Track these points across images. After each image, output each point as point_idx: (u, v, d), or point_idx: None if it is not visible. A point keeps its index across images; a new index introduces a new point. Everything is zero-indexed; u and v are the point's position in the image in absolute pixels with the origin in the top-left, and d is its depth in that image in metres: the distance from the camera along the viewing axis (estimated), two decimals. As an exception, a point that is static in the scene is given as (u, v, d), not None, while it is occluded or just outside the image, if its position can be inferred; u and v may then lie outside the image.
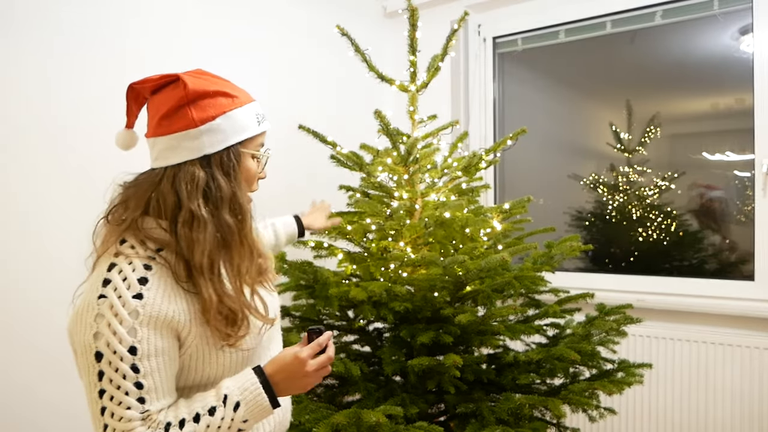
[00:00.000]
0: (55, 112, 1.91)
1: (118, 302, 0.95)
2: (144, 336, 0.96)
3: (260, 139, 1.13)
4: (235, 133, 1.06)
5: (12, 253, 1.82)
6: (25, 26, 1.83)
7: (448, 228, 1.87)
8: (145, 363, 0.96)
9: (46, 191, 1.88)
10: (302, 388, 1.06)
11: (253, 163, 1.11)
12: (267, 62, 2.57)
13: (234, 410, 0.99)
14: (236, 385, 1.01)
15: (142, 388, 0.96)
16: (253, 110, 1.10)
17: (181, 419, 0.98)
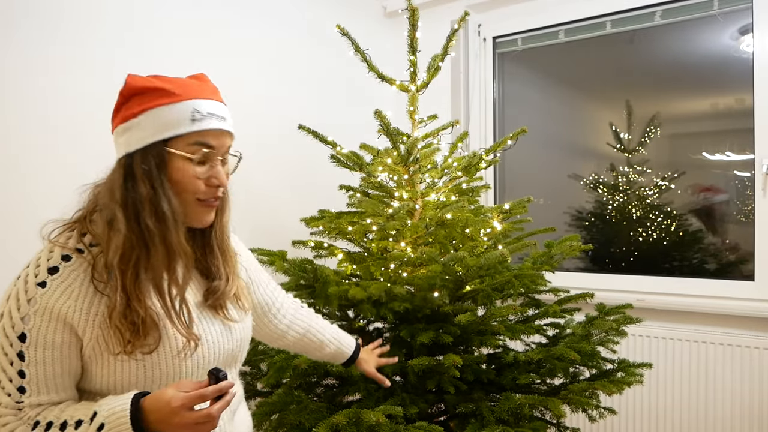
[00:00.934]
0: (53, 112, 1.91)
1: (23, 287, 0.95)
2: (35, 325, 0.93)
3: (197, 139, 1.00)
4: (158, 131, 0.99)
5: (15, 253, 1.82)
6: (25, 25, 1.83)
7: (448, 228, 1.87)
8: (32, 353, 0.94)
9: (49, 191, 1.89)
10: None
11: (186, 165, 1.00)
12: (267, 62, 2.57)
13: (97, 430, 0.91)
14: (108, 406, 0.93)
15: (24, 377, 0.94)
16: (189, 107, 0.99)
17: (49, 422, 0.94)
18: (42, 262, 0.96)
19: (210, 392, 0.92)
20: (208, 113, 1.01)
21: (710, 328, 2.44)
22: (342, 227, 1.96)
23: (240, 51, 2.46)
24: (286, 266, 1.91)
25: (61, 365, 0.96)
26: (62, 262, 0.96)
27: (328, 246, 2.03)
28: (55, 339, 0.95)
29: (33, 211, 1.88)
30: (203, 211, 1.05)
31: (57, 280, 0.95)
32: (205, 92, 1.03)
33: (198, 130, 1.00)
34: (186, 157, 1.00)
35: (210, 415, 0.92)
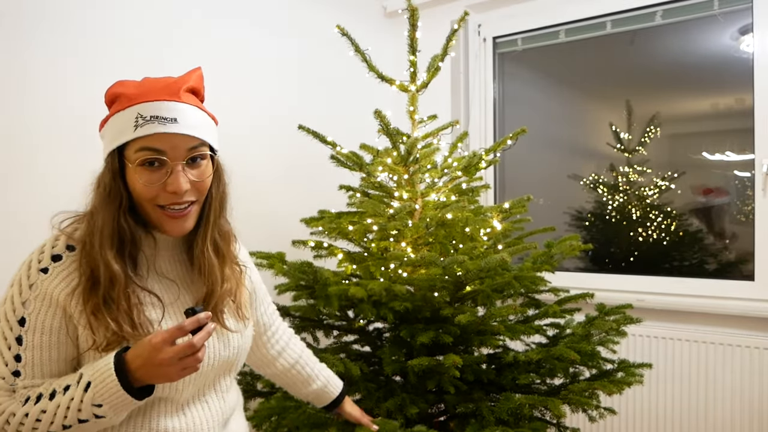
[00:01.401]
0: (62, 113, 1.91)
1: (26, 272, 0.97)
2: (35, 310, 0.95)
3: (142, 144, 0.96)
4: (111, 140, 0.98)
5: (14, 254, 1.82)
6: (33, 25, 1.83)
7: (448, 228, 1.87)
8: (29, 337, 0.95)
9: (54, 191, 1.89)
10: (165, 377, 0.92)
11: (137, 173, 0.97)
12: (267, 62, 2.57)
13: (84, 390, 0.91)
14: (92, 366, 0.94)
15: (20, 361, 0.95)
16: (134, 113, 0.96)
17: (39, 394, 0.94)
18: (46, 250, 0.98)
19: (188, 323, 0.90)
20: (151, 116, 0.96)
21: (710, 328, 2.44)
22: (342, 227, 1.96)
23: (240, 51, 2.46)
24: (285, 268, 1.91)
25: (57, 351, 0.97)
26: (66, 251, 0.98)
27: (328, 246, 2.03)
28: (53, 324, 0.96)
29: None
30: (168, 220, 1.01)
31: (59, 268, 0.96)
32: (157, 94, 0.98)
33: (139, 136, 0.96)
34: (135, 165, 0.97)
35: (192, 345, 0.90)
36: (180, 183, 0.97)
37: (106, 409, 0.91)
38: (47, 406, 0.92)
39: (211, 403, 1.10)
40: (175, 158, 0.98)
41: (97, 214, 0.98)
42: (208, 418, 1.09)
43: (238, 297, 1.13)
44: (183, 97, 1.00)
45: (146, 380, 0.93)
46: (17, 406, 0.94)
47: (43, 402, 0.93)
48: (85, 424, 0.93)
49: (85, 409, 0.91)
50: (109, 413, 0.92)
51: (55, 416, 0.92)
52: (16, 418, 0.93)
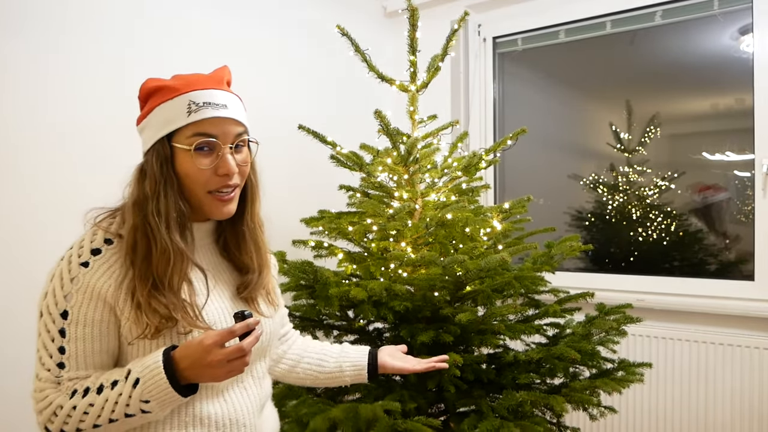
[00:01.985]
0: (53, 112, 1.91)
1: (66, 267, 0.99)
2: (77, 303, 0.98)
3: (195, 130, 1.01)
4: (161, 128, 1.02)
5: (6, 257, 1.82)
6: (27, 24, 1.83)
7: (448, 228, 1.87)
8: (72, 329, 0.98)
9: (42, 193, 1.89)
10: (212, 378, 0.96)
11: (190, 157, 1.01)
12: (267, 62, 2.57)
13: (133, 386, 0.95)
14: (140, 363, 0.97)
15: (64, 353, 0.98)
16: (185, 100, 1.01)
17: (86, 388, 0.97)
18: (85, 244, 1.01)
19: (239, 328, 0.94)
20: (204, 103, 1.01)
21: (710, 328, 2.44)
22: (342, 227, 1.96)
23: (240, 51, 2.46)
24: (286, 267, 1.91)
25: (100, 343, 0.99)
26: (104, 245, 1.01)
27: (328, 246, 2.03)
28: (95, 317, 0.98)
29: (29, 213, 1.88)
30: (218, 204, 1.05)
31: (99, 261, 0.99)
32: (205, 83, 1.04)
33: (193, 121, 1.01)
34: (188, 150, 1.01)
35: (241, 349, 0.94)
36: (231, 165, 1.02)
37: (153, 405, 0.95)
38: (95, 399, 0.95)
39: (249, 389, 1.12)
40: (225, 142, 1.03)
41: (156, 201, 1.00)
42: (247, 404, 1.11)
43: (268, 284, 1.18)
44: (226, 87, 1.08)
45: (193, 380, 0.97)
46: (64, 399, 0.97)
47: (90, 396, 0.96)
48: (131, 418, 0.96)
49: (133, 405, 0.95)
50: (155, 409, 0.95)
51: (103, 410, 0.95)
52: (63, 410, 0.96)
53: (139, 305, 0.97)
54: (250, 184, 1.12)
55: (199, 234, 1.11)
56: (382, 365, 1.34)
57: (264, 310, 1.15)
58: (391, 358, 1.35)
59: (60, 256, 1.03)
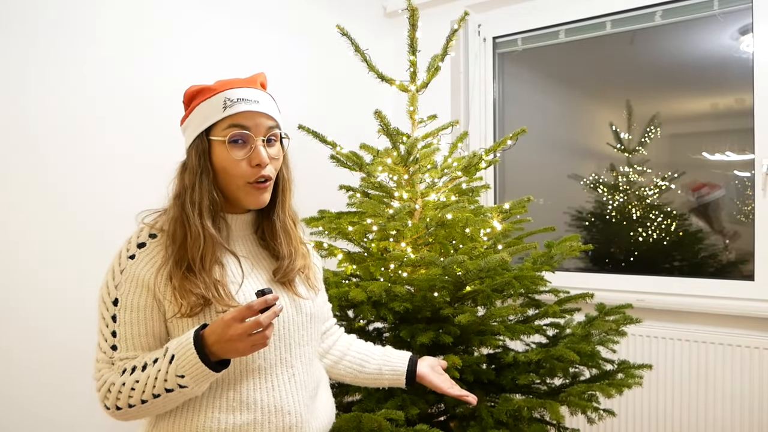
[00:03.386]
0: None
1: (117, 260, 1.11)
2: (125, 291, 1.09)
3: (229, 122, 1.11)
4: (200, 124, 1.12)
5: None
6: (29, 26, 1.83)
7: (448, 228, 1.87)
8: (122, 314, 1.09)
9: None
10: (236, 352, 1.02)
11: (226, 149, 1.11)
12: (267, 62, 2.57)
13: (169, 362, 1.02)
14: (177, 340, 1.05)
15: (116, 337, 1.09)
16: (222, 97, 1.12)
17: (134, 366, 1.06)
18: (133, 240, 1.13)
19: (257, 303, 0.99)
20: (238, 99, 1.11)
21: (710, 328, 2.44)
22: (342, 227, 1.96)
23: (239, 51, 2.46)
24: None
25: (145, 326, 1.09)
26: (149, 239, 1.12)
27: (328, 246, 2.03)
28: (140, 303, 1.09)
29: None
30: (254, 193, 1.14)
31: (143, 253, 1.11)
32: (239, 83, 1.15)
33: (228, 114, 1.11)
34: (223, 141, 1.11)
35: (258, 323, 0.99)
36: (263, 156, 1.12)
37: (188, 379, 1.02)
38: (140, 376, 1.04)
39: (297, 375, 1.16)
40: (257, 134, 1.12)
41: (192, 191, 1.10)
42: (295, 391, 1.15)
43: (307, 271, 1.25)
44: (259, 86, 1.20)
45: (221, 354, 1.02)
46: (116, 377, 1.06)
47: (136, 373, 1.05)
48: (171, 393, 1.03)
49: (170, 379, 1.02)
50: (191, 383, 1.02)
51: (146, 386, 1.03)
52: (115, 387, 1.05)
53: (175, 287, 1.07)
54: (282, 177, 1.21)
55: (238, 225, 1.20)
56: (421, 376, 1.39)
57: (303, 292, 1.22)
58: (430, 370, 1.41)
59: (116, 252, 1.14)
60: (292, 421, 1.13)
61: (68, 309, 1.91)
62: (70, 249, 1.93)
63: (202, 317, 1.08)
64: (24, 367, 1.84)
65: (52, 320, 1.89)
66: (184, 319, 1.08)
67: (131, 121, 2.10)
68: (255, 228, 1.23)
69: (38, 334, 1.86)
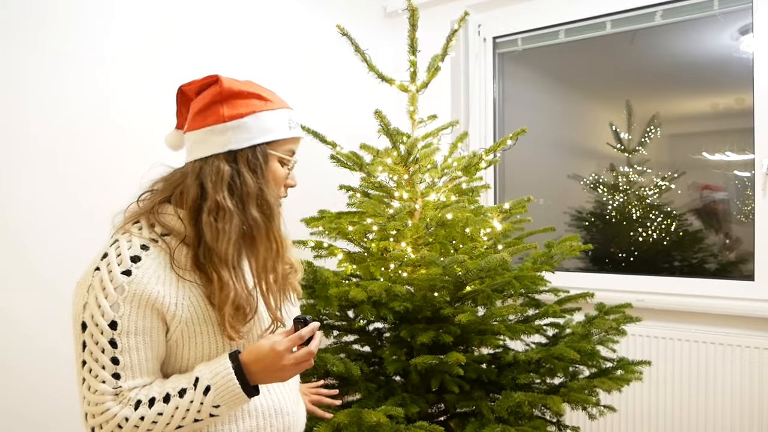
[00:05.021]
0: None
1: (107, 276, 0.98)
2: (126, 312, 0.97)
3: (290, 145, 1.14)
4: (263, 133, 1.08)
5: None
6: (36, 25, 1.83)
7: (448, 228, 1.87)
8: (124, 339, 0.98)
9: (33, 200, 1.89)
10: (281, 379, 1.04)
11: (280, 167, 1.12)
12: (266, 62, 2.57)
13: (204, 394, 0.98)
14: (209, 369, 1.00)
15: (117, 364, 0.97)
16: (285, 116, 1.13)
17: (152, 398, 0.98)
18: (122, 252, 1.00)
19: (306, 332, 1.02)
20: (297, 123, 1.15)
21: (710, 328, 2.44)
22: (342, 227, 1.96)
23: (239, 51, 2.46)
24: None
25: (152, 350, 1.01)
26: (142, 251, 1.01)
27: (328, 246, 2.03)
28: (145, 325, 0.99)
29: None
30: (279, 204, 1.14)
31: (142, 268, 0.99)
32: (286, 104, 1.16)
33: (292, 136, 1.13)
34: (281, 159, 1.12)
35: (310, 352, 1.02)
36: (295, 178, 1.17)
37: (222, 409, 1.00)
38: (163, 409, 0.97)
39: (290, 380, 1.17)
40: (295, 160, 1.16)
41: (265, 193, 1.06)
42: (288, 393, 1.17)
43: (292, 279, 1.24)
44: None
45: (262, 382, 1.03)
46: (129, 410, 0.97)
47: (158, 405, 0.98)
48: (197, 423, 1.00)
49: (204, 411, 0.99)
50: (224, 412, 1.01)
51: (173, 418, 0.98)
52: (130, 422, 0.96)
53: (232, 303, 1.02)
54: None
55: None
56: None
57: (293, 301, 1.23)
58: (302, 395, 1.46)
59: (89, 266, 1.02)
60: (290, 421, 1.15)
61: (64, 309, 1.91)
62: (71, 248, 1.93)
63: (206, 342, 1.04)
64: (21, 368, 1.84)
65: (51, 321, 1.89)
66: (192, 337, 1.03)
67: (131, 122, 2.10)
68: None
69: (37, 335, 1.86)
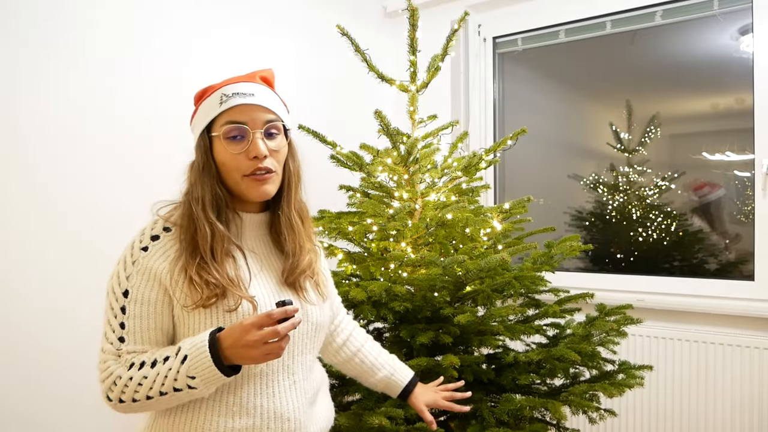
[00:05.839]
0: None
1: (130, 251, 1.11)
2: (136, 283, 1.09)
3: (225, 118, 1.12)
4: (200, 122, 1.14)
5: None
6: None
7: (448, 228, 1.87)
8: (132, 307, 1.08)
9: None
10: (250, 359, 1.02)
11: (224, 144, 1.12)
12: (266, 62, 2.57)
13: (181, 362, 1.03)
14: (190, 341, 1.05)
15: (124, 329, 1.08)
16: (219, 94, 1.13)
17: (142, 362, 1.06)
18: (147, 232, 1.13)
19: (276, 313, 1.00)
20: (233, 93, 1.12)
21: (710, 328, 2.44)
22: (342, 227, 1.96)
23: (239, 51, 2.46)
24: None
25: (155, 320, 1.09)
26: (163, 232, 1.13)
27: (328, 246, 2.03)
28: (151, 296, 1.09)
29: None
30: (254, 185, 1.13)
31: (157, 246, 1.11)
32: (236, 78, 1.15)
33: (224, 109, 1.11)
34: (220, 136, 1.11)
35: (276, 332, 0.99)
36: (259, 147, 1.11)
37: (198, 381, 1.02)
38: (148, 372, 1.04)
39: (298, 382, 1.17)
40: (254, 127, 1.12)
41: (195, 188, 1.12)
42: (295, 398, 1.15)
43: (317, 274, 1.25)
44: (258, 80, 1.17)
45: (234, 360, 1.03)
46: (123, 370, 1.06)
47: (145, 369, 1.05)
48: (179, 393, 1.03)
49: (180, 379, 1.02)
50: (200, 385, 1.03)
51: (154, 383, 1.03)
52: (121, 380, 1.05)
53: (191, 279, 1.07)
54: (288, 170, 1.21)
55: (251, 224, 1.20)
56: (415, 395, 1.45)
57: (312, 297, 1.22)
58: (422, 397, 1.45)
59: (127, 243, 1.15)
60: (291, 428, 1.13)
61: (58, 309, 1.91)
62: (61, 250, 1.93)
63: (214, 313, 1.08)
64: (18, 370, 1.84)
65: (43, 322, 1.89)
66: (191, 316, 1.08)
67: (128, 123, 2.09)
68: (268, 227, 1.23)
69: (30, 337, 1.86)
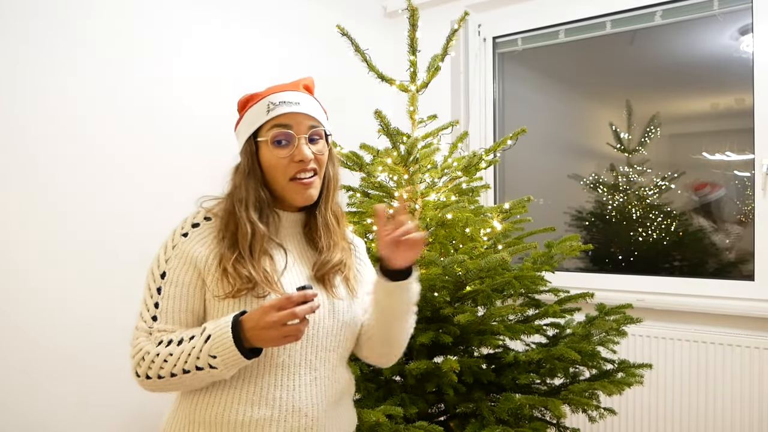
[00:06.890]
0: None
1: (171, 236, 1.19)
2: (174, 266, 1.15)
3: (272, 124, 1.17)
4: (248, 129, 1.20)
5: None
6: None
7: (449, 228, 1.87)
8: (167, 288, 1.14)
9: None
10: (269, 341, 1.05)
11: (271, 149, 1.17)
12: (266, 62, 2.57)
13: (204, 342, 1.06)
14: (215, 322, 1.09)
15: (158, 308, 1.14)
16: (266, 102, 1.19)
17: (170, 340, 1.10)
18: (189, 220, 1.20)
19: (296, 296, 1.03)
20: (280, 102, 1.18)
21: (710, 328, 2.44)
22: (342, 227, 1.96)
23: (240, 51, 2.46)
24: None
25: (187, 302, 1.15)
26: (204, 221, 1.20)
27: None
28: (185, 279, 1.15)
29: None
30: (298, 189, 1.18)
31: (196, 232, 1.18)
32: (282, 87, 1.21)
33: (272, 116, 1.17)
34: (267, 141, 1.17)
35: (293, 313, 1.02)
36: (304, 151, 1.17)
37: (219, 361, 1.06)
38: (174, 350, 1.09)
39: (319, 379, 1.18)
40: (299, 133, 1.18)
41: (240, 189, 1.18)
42: (315, 395, 1.16)
43: (347, 271, 1.26)
44: (301, 89, 1.24)
45: (254, 341, 1.06)
46: (152, 347, 1.11)
47: (171, 346, 1.09)
48: (200, 372, 1.07)
49: (203, 358, 1.06)
50: (221, 365, 1.06)
51: (179, 360, 1.08)
52: (149, 356, 1.10)
53: (225, 270, 1.12)
54: (328, 175, 1.25)
55: (288, 222, 1.25)
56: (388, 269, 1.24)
57: (341, 293, 1.24)
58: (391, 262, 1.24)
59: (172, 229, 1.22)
60: (308, 424, 1.14)
61: (65, 309, 1.91)
62: (61, 250, 1.93)
63: (243, 301, 1.12)
64: (17, 369, 1.84)
65: (48, 320, 1.89)
66: (224, 302, 1.12)
67: (129, 123, 2.10)
68: (304, 226, 1.27)
69: (33, 335, 1.86)
